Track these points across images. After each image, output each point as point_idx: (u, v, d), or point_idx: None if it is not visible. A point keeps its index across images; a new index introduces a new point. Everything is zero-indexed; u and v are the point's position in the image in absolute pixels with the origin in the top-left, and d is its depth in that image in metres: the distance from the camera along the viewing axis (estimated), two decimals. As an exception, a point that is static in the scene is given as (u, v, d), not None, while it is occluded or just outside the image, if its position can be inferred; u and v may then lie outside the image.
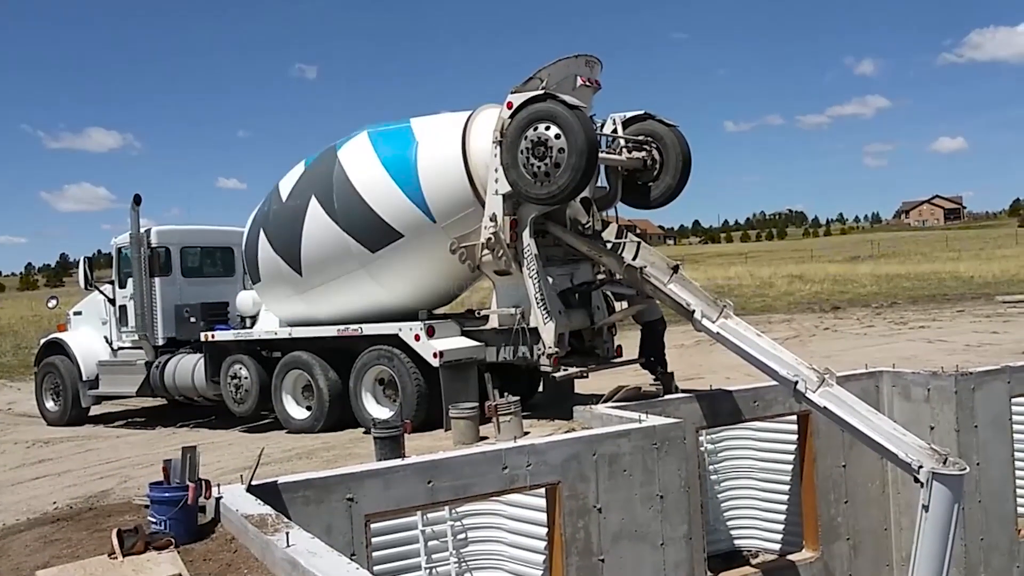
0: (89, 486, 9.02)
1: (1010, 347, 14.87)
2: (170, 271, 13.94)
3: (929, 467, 7.61)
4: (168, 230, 14.22)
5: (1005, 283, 32.79)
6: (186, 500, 5.94)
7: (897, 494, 11.21)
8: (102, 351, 14.51)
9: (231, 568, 5.40)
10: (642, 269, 9.65)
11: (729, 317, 9.33)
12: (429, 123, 10.69)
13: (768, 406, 10.35)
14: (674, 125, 10.53)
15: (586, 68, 10.03)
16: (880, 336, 19.11)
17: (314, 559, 4.79)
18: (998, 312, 23.04)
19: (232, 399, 12.29)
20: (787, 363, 8.79)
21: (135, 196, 13.44)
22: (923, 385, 10.90)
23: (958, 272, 38.67)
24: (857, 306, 28.17)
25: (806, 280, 38.06)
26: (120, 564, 5.44)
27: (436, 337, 10.36)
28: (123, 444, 11.99)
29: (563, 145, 9.17)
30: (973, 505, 10.44)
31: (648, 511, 8.45)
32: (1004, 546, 11.09)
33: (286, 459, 9.36)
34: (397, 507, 7.39)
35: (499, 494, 8.29)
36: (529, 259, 9.69)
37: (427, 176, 10.20)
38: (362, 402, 10.83)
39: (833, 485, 10.90)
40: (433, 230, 10.29)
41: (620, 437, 8.39)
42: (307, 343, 11.53)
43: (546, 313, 9.58)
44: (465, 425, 9.27)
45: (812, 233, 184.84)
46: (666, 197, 10.61)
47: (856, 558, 11.11)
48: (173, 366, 13.20)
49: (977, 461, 10.48)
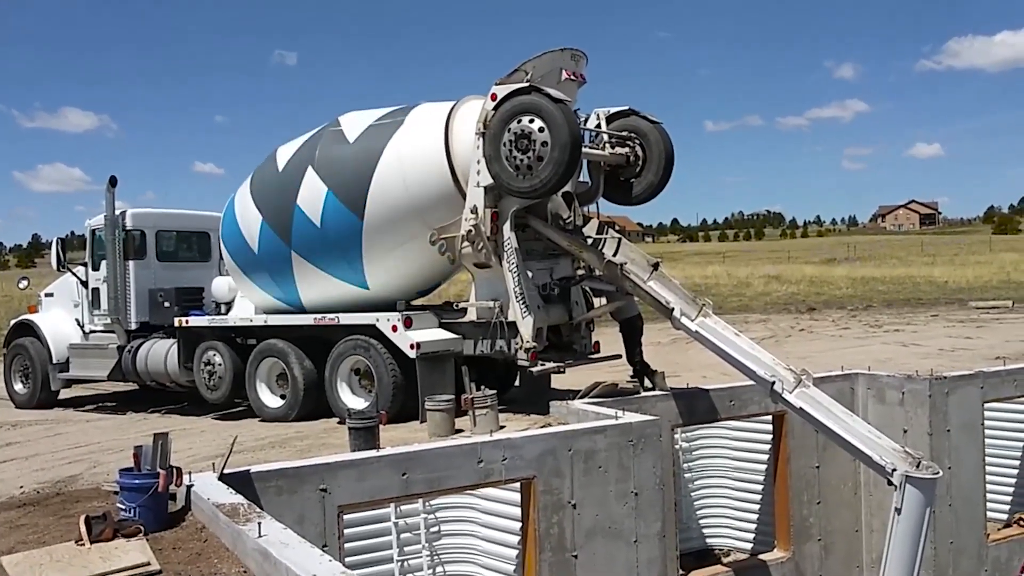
0: (57, 471, 8.89)
1: (983, 352, 15.00)
2: (145, 255, 13.77)
3: (902, 470, 7.65)
4: (143, 213, 14.03)
5: (979, 289, 33.16)
6: (156, 487, 5.85)
7: (869, 496, 11.28)
8: (73, 334, 14.31)
9: (201, 557, 5.32)
10: (622, 265, 9.63)
11: (708, 316, 9.33)
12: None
13: (744, 406, 10.37)
14: (658, 122, 10.52)
15: (571, 62, 9.99)
16: (855, 338, 19.24)
17: (286, 550, 4.73)
18: (972, 317, 23.27)
19: (205, 386, 12.16)
20: (765, 363, 8.81)
21: (111, 178, 13.26)
22: (898, 388, 10.97)
23: (933, 277, 39.08)
24: (833, 308, 28.38)
25: (783, 281, 38.31)
26: (88, 551, 5.35)
27: (413, 328, 10.30)
28: (93, 429, 11.84)
29: (546, 139, 9.12)
30: (944, 509, 10.52)
31: (622, 508, 8.45)
32: (973, 549, 11.19)
33: (259, 448, 9.28)
34: (371, 499, 7.33)
35: (474, 487, 8.25)
36: (509, 253, 9.64)
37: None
38: (337, 392, 10.75)
39: (806, 486, 10.95)
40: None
41: (596, 433, 8.38)
42: (283, 331, 11.43)
43: (525, 307, 9.55)
44: (441, 417, 9.23)
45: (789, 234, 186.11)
46: (648, 194, 10.61)
47: (827, 559, 11.17)
48: (146, 351, 13.04)
49: (949, 465, 10.56)
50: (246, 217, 11.49)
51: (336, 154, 10.65)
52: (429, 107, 10.59)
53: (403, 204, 10.20)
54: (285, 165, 11.17)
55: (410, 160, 10.14)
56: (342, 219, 10.52)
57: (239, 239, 11.69)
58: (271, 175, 11.32)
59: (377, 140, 10.40)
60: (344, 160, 10.55)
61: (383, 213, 10.29)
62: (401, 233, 10.32)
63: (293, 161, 11.08)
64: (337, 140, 10.75)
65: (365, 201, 10.31)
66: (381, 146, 10.31)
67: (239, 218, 11.66)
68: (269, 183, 11.31)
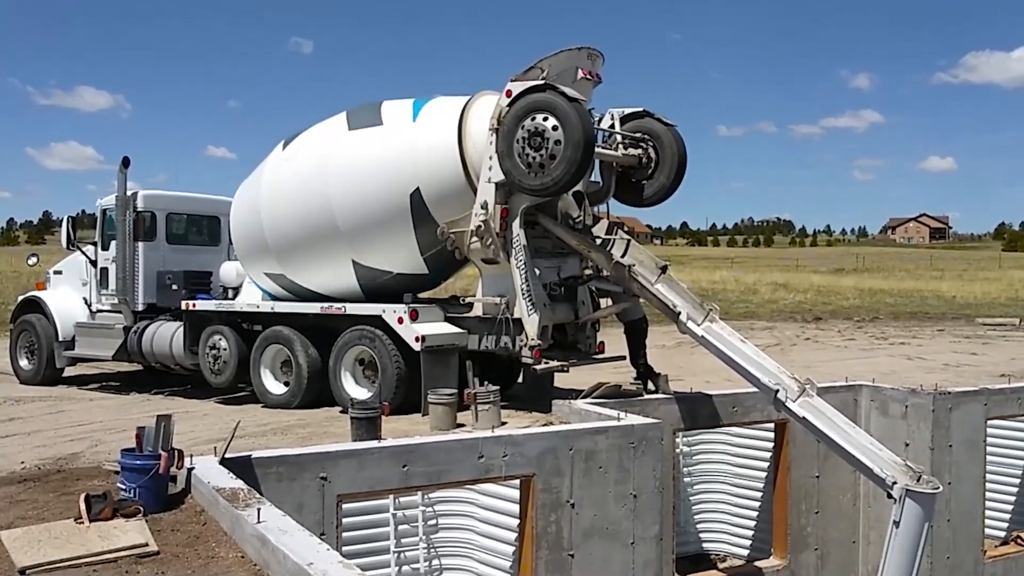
0: (59, 448, 8.92)
1: (988, 369, 14.97)
2: (155, 236, 13.79)
3: (903, 484, 7.64)
4: (155, 195, 14.06)
5: (986, 305, 33.05)
6: (157, 469, 5.86)
7: (868, 508, 11.27)
8: (80, 312, 14.34)
9: (199, 540, 5.34)
10: (630, 267, 9.62)
11: (715, 321, 9.32)
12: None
13: (747, 412, 10.36)
14: (672, 125, 10.51)
15: (588, 61, 9.97)
16: (860, 350, 19.21)
17: (284, 536, 4.74)
18: (978, 334, 23.21)
19: (210, 370, 12.19)
20: (769, 371, 8.79)
21: (124, 158, 13.28)
22: (901, 401, 10.95)
23: (940, 291, 38.96)
24: (839, 318, 28.32)
25: (790, 289, 38.23)
26: (86, 529, 5.37)
27: (419, 321, 10.30)
28: (96, 407, 11.87)
29: (560, 137, 9.10)
30: (942, 524, 10.49)
31: (621, 509, 8.44)
32: (969, 566, 11.17)
33: (261, 434, 9.30)
34: (370, 489, 7.35)
35: (473, 483, 8.27)
36: (517, 249, 9.64)
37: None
38: (341, 381, 10.77)
39: (805, 495, 10.94)
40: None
41: (597, 434, 8.38)
42: (289, 318, 11.45)
43: (531, 305, 9.54)
44: (443, 411, 9.24)
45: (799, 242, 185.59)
46: (659, 196, 10.60)
47: (823, 569, 11.16)
48: (151, 332, 13.07)
49: (949, 480, 10.53)
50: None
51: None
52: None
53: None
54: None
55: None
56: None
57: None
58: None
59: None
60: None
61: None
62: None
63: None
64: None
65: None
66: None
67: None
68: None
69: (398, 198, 10.29)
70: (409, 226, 10.41)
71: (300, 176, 11.00)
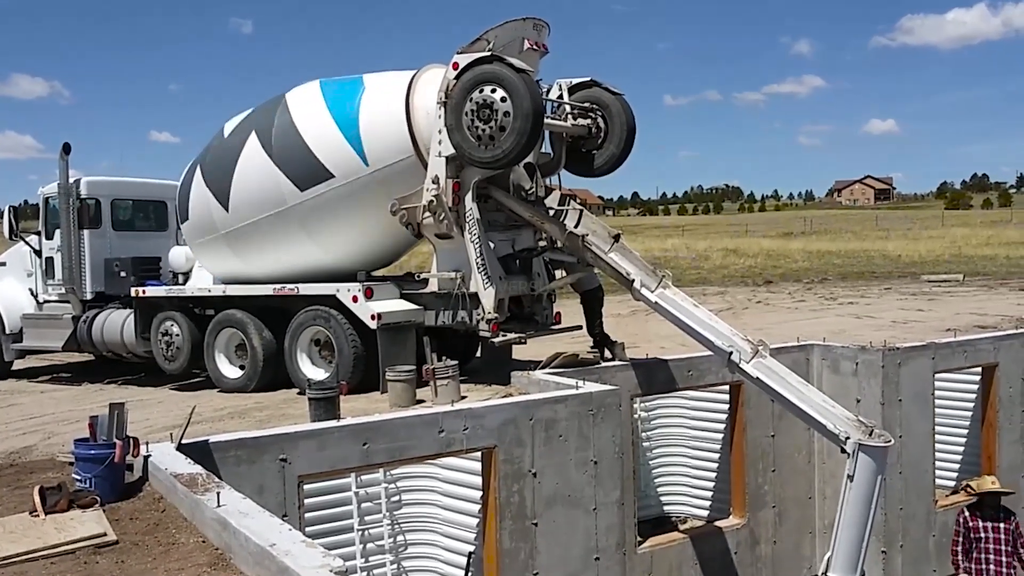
0: (11, 442, 8.75)
1: (935, 325, 15.29)
2: (100, 223, 13.52)
3: (855, 439, 7.81)
4: (99, 181, 13.76)
5: (931, 263, 33.75)
6: (113, 458, 5.78)
7: (822, 464, 11.53)
8: (27, 304, 14.06)
9: (159, 527, 5.29)
10: (584, 237, 9.65)
11: (667, 287, 9.40)
12: (377, 77, 10.52)
13: (702, 376, 10.51)
14: (620, 94, 10.50)
15: (534, 31, 9.92)
16: (810, 310, 19.51)
17: (245, 519, 4.71)
18: (924, 291, 23.70)
19: (163, 357, 12.02)
20: (723, 334, 8.91)
21: (64, 145, 12.96)
22: (851, 359, 11.19)
23: (887, 251, 39.70)
24: (789, 281, 28.73)
25: (740, 254, 38.64)
26: (42, 522, 5.28)
27: (374, 299, 10.25)
28: (48, 399, 11.66)
29: (508, 108, 9.06)
30: (894, 476, 10.80)
31: (582, 476, 8.54)
32: (922, 516, 11.50)
33: (218, 418, 9.20)
34: (331, 468, 7.33)
35: (435, 457, 8.29)
36: (471, 223, 9.61)
37: (367, 121, 10.05)
38: (297, 363, 10.69)
39: (761, 454, 11.15)
40: (365, 177, 10.10)
41: (557, 403, 8.45)
42: (242, 301, 11.31)
43: (486, 278, 9.54)
44: (402, 388, 9.22)
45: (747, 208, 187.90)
46: (610, 165, 10.61)
47: (781, 525, 11.41)
48: (101, 321, 12.84)
49: (900, 434, 10.81)
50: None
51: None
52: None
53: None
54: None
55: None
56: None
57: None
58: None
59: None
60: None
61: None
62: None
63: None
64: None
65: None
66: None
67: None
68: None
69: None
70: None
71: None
